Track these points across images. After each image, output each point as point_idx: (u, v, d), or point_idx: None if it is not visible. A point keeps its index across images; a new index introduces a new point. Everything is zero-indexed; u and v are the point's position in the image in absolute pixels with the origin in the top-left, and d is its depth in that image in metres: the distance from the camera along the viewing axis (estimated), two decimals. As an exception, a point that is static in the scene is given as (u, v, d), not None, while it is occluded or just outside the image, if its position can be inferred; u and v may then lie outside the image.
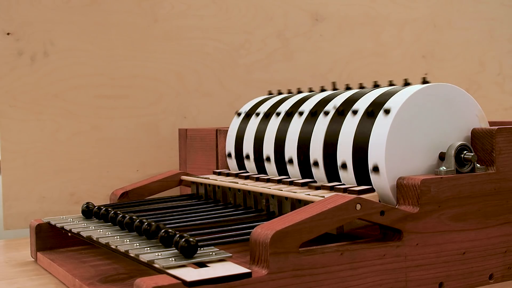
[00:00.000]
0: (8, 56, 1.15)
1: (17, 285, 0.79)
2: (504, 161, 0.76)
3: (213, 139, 1.10)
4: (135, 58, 1.24)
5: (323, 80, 1.41)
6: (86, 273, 0.78)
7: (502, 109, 1.67)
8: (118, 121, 1.23)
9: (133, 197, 1.03)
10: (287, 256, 0.62)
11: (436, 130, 0.76)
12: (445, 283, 0.72)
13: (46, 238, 0.92)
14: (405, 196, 0.72)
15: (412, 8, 1.54)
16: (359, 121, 0.78)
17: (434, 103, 0.76)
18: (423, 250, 0.71)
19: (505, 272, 0.77)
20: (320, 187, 0.79)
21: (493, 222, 0.76)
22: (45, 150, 1.17)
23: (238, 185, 0.89)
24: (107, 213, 0.84)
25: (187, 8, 1.29)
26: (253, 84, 1.35)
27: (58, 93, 1.18)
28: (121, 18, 1.23)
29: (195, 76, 1.29)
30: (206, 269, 0.61)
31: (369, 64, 1.48)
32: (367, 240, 0.70)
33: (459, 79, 1.60)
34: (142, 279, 0.58)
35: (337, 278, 0.65)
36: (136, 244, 0.71)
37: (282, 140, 0.91)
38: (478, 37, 1.64)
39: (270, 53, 1.37)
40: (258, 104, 1.04)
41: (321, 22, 1.42)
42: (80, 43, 1.20)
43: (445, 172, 0.73)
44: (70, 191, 1.19)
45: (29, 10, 1.16)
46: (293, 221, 0.63)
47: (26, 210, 1.15)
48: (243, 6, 1.34)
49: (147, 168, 1.25)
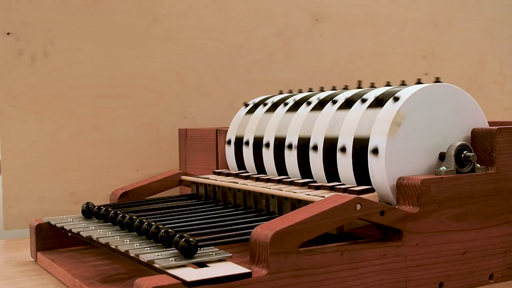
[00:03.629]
0: (8, 56, 1.15)
1: (17, 285, 0.79)
2: (504, 161, 0.76)
3: (213, 139, 1.10)
4: (135, 58, 1.24)
5: (323, 80, 1.41)
6: (86, 273, 0.78)
7: (502, 109, 1.67)
8: (118, 121, 1.23)
9: (133, 197, 1.03)
10: (287, 256, 0.62)
11: (436, 130, 0.76)
12: (445, 283, 0.72)
13: (46, 238, 0.92)
14: (405, 196, 0.72)
15: (412, 8, 1.54)
16: (366, 108, 0.78)
17: (437, 101, 0.76)
18: (423, 250, 0.71)
19: (505, 272, 0.77)
20: (320, 187, 0.79)
21: (493, 222, 0.76)
22: (45, 150, 1.17)
23: (238, 185, 0.89)
24: (107, 213, 0.84)
25: (187, 8, 1.29)
26: (253, 84, 1.35)
27: (58, 93, 1.18)
28: (121, 18, 1.23)
29: (195, 76, 1.29)
30: (206, 269, 0.61)
31: (369, 64, 1.48)
32: (367, 240, 0.70)
33: (459, 79, 1.60)
34: (142, 279, 0.58)
35: (337, 278, 0.65)
36: (136, 244, 0.71)
37: (285, 127, 0.91)
38: (478, 37, 1.64)
39: (270, 53, 1.37)
40: (267, 98, 1.04)
41: (321, 22, 1.42)
42: (80, 43, 1.20)
43: (445, 172, 0.73)
44: (70, 191, 1.19)
45: (29, 10, 1.16)
46: (293, 221, 0.63)
47: (26, 210, 1.15)
48: (243, 6, 1.34)
49: (147, 168, 1.25)
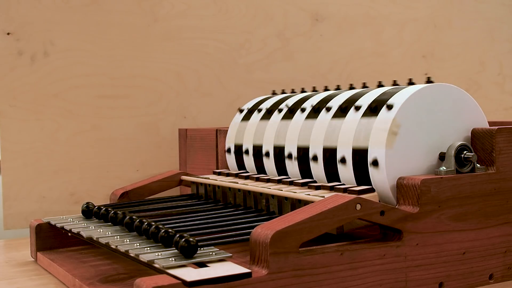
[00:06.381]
0: (8, 56, 1.15)
1: (17, 285, 0.79)
2: (504, 161, 0.76)
3: (213, 139, 1.10)
4: (135, 58, 1.24)
5: (323, 80, 1.41)
6: (86, 273, 0.78)
7: (502, 109, 1.67)
8: (118, 121, 1.23)
9: (133, 197, 1.03)
10: (287, 256, 0.62)
11: (436, 130, 0.76)
12: (445, 283, 0.72)
13: (46, 238, 0.92)
14: (405, 196, 0.72)
15: (412, 8, 1.54)
16: (361, 116, 0.78)
17: (434, 103, 0.76)
18: (423, 250, 0.71)
19: (505, 272, 0.77)
20: (320, 187, 0.79)
21: (493, 222, 0.76)
22: (45, 150, 1.17)
23: (238, 185, 0.89)
24: (107, 213, 0.84)
25: (187, 8, 1.29)
26: (253, 84, 1.35)
27: (58, 93, 1.18)
28: (121, 18, 1.23)
29: (195, 76, 1.29)
30: (206, 269, 0.61)
31: (369, 64, 1.48)
32: (367, 240, 0.70)
33: (459, 79, 1.60)
34: (142, 279, 0.58)
35: (337, 278, 0.65)
36: (136, 244, 0.71)
37: (282, 135, 0.91)
38: (478, 37, 1.64)
39: (270, 53, 1.37)
40: (260, 102, 1.04)
41: (321, 22, 1.42)
42: (80, 43, 1.20)
43: (445, 172, 0.73)
44: (70, 191, 1.19)
45: (29, 10, 1.16)
46: (293, 221, 0.63)
47: (26, 210, 1.15)
48: (243, 6, 1.34)
49: (147, 168, 1.25)
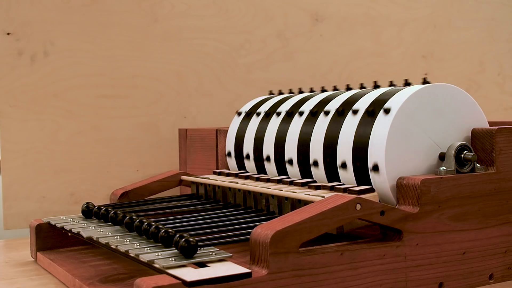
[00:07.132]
0: (8, 56, 1.15)
1: (17, 285, 0.79)
2: (504, 161, 0.76)
3: (213, 139, 1.10)
4: (135, 58, 1.24)
5: (323, 80, 1.41)
6: (86, 273, 0.78)
7: (502, 109, 1.67)
8: (118, 121, 1.23)
9: (133, 197, 1.03)
10: (287, 256, 0.62)
11: (436, 130, 0.76)
12: (445, 283, 0.72)
13: (46, 238, 0.92)
14: (405, 196, 0.72)
15: (412, 8, 1.54)
16: (359, 121, 0.78)
17: (434, 103, 0.76)
18: (423, 250, 0.71)
19: (505, 272, 0.77)
20: (320, 187, 0.79)
21: (493, 222, 0.76)
22: (45, 150, 1.17)
23: (238, 185, 0.89)
24: (107, 213, 0.84)
25: (187, 8, 1.29)
26: (253, 84, 1.35)
27: (58, 93, 1.18)
28: (121, 18, 1.23)
29: (195, 76, 1.29)
30: (206, 269, 0.61)
31: (369, 64, 1.48)
32: (367, 240, 0.70)
33: (459, 79, 1.60)
34: (142, 279, 0.58)
35: (337, 278, 0.65)
36: (136, 244, 0.71)
37: (282, 140, 0.91)
38: (478, 37, 1.64)
39: (270, 53, 1.37)
40: (258, 104, 1.04)
41: (321, 22, 1.42)
42: (80, 43, 1.20)
43: (445, 172, 0.73)
44: (70, 191, 1.19)
45: (29, 10, 1.16)
46: (293, 221, 0.63)
47: (26, 210, 1.15)
48: (243, 6, 1.34)
49: (147, 168, 1.25)
